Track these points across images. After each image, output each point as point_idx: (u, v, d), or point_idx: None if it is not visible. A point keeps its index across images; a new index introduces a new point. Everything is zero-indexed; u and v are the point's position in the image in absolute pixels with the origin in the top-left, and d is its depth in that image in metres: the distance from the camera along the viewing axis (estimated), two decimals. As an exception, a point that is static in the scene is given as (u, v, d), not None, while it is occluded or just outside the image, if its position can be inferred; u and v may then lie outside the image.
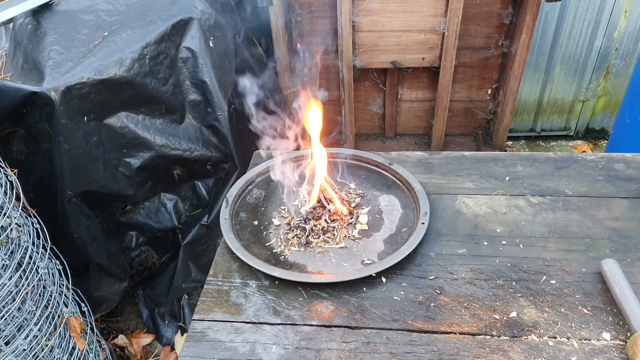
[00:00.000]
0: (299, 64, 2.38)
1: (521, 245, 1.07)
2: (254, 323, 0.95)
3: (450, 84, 2.29)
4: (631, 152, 1.34)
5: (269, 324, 0.95)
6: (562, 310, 0.92)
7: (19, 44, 1.60)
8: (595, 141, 2.95)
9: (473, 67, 2.37)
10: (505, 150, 2.58)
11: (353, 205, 1.22)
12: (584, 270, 1.00)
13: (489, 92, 2.44)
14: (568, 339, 0.87)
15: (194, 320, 0.97)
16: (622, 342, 0.86)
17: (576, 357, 0.84)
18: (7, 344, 1.32)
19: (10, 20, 1.61)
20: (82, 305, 1.64)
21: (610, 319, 0.90)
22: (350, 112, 2.42)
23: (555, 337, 0.88)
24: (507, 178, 1.26)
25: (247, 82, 1.93)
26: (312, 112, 1.19)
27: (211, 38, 1.72)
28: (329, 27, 2.24)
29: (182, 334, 2.01)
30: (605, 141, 2.93)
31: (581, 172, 1.26)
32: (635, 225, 1.10)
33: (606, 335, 0.87)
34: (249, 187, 1.30)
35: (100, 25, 1.61)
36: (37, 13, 1.64)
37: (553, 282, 0.98)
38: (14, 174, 1.33)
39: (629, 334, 0.86)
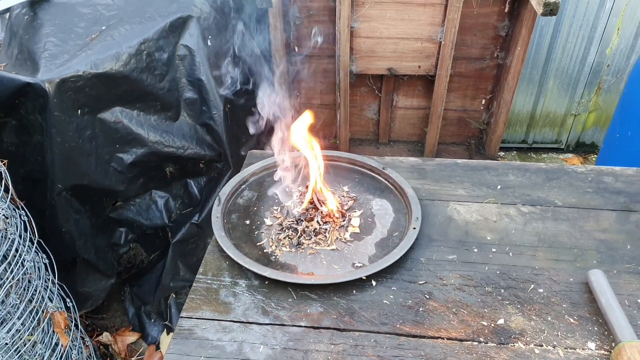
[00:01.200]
0: (296, 67, 2.39)
1: (510, 254, 1.08)
2: (242, 322, 0.95)
3: (445, 92, 2.31)
4: (620, 166, 1.36)
5: (257, 323, 0.95)
6: (549, 318, 0.93)
7: (14, 34, 1.59)
8: (585, 155, 2.99)
9: (468, 77, 2.39)
10: (497, 160, 2.60)
11: (346, 208, 1.22)
12: (571, 280, 1.01)
13: (483, 102, 2.47)
14: (554, 347, 0.88)
15: (182, 317, 0.96)
16: (606, 352, 0.87)
17: (562, 365, 0.85)
18: (-11, 337, 1.30)
19: (7, 10, 1.60)
20: (68, 300, 1.62)
21: (596, 328, 0.91)
22: (346, 117, 2.43)
23: (542, 345, 0.88)
24: (499, 187, 1.27)
25: (243, 83, 1.93)
26: (306, 115, 1.19)
27: (209, 37, 1.72)
28: (327, 32, 2.25)
29: (168, 333, 1.99)
30: (595, 155, 2.97)
31: (571, 183, 1.28)
32: (622, 237, 1.11)
33: (591, 345, 0.88)
34: (242, 187, 1.30)
35: (98, 19, 1.60)
36: (35, 4, 1.63)
37: (541, 290, 0.99)
38: (4, 164, 1.32)
39: (613, 344, 0.87)
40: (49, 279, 1.52)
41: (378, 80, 2.46)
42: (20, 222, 1.39)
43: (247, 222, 1.21)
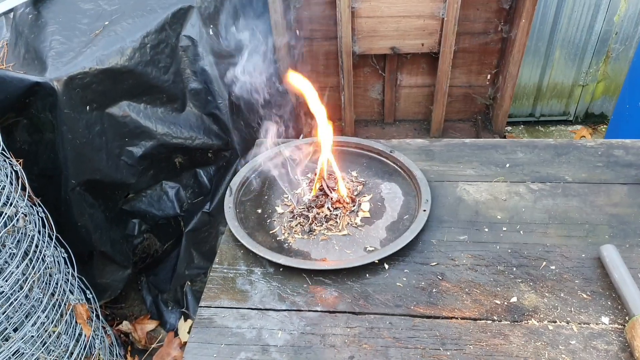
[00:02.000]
0: (298, 50, 2.37)
1: (521, 232, 1.09)
2: (260, 309, 0.97)
3: (450, 69, 2.28)
4: (631, 137, 1.35)
5: (274, 310, 0.97)
6: (562, 295, 0.94)
7: (20, 34, 1.59)
8: (594, 126, 2.96)
9: (472, 53, 2.36)
10: (505, 136, 2.59)
11: (355, 193, 1.23)
12: (583, 255, 1.02)
13: (489, 77, 2.45)
14: (567, 323, 0.89)
15: (201, 307, 0.99)
16: (620, 326, 0.88)
17: (575, 340, 0.86)
18: (15, 330, 1.34)
19: (11, 10, 1.60)
20: (87, 292, 1.67)
21: (609, 303, 0.92)
22: (350, 98, 2.42)
23: (555, 322, 0.90)
24: (508, 165, 1.27)
25: (247, 70, 1.92)
26: (312, 101, 1.19)
27: (211, 26, 1.72)
28: (328, 13, 2.23)
29: (185, 320, 2.04)
30: (605, 126, 2.94)
31: (581, 158, 1.27)
32: (634, 211, 1.11)
33: (605, 320, 0.89)
34: (252, 176, 1.31)
35: (100, 14, 1.60)
36: (37, 2, 1.63)
37: (553, 267, 1.00)
38: (19, 164, 1.34)
39: (627, 318, 0.88)
40: (68, 273, 1.56)
41: (381, 60, 2.44)
42: (38, 219, 1.42)
43: (259, 210, 1.22)
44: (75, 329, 1.56)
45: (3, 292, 1.26)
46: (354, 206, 1.19)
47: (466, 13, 2.20)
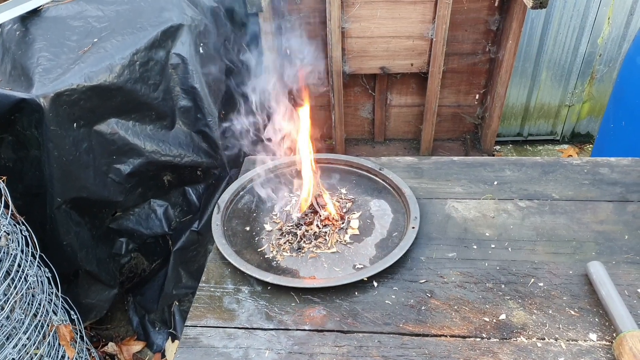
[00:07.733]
0: (289, 69, 2.39)
1: (510, 249, 1.09)
2: (247, 328, 0.96)
3: (439, 89, 2.32)
4: (615, 155, 1.37)
5: (262, 329, 0.95)
6: (550, 312, 0.94)
7: (7, 50, 1.59)
8: (581, 145, 3.00)
9: (461, 73, 2.40)
10: (493, 155, 2.62)
11: (344, 210, 1.23)
12: (570, 272, 1.02)
13: (477, 97, 2.48)
14: (556, 340, 0.89)
15: (187, 326, 0.97)
16: (608, 343, 0.88)
17: (564, 357, 0.86)
18: (-5, 353, 1.31)
19: (-1, 26, 1.60)
20: (72, 312, 1.63)
21: (597, 320, 0.92)
22: (340, 117, 2.44)
23: (544, 339, 0.89)
24: (496, 182, 1.28)
25: (236, 88, 1.93)
26: (301, 118, 1.20)
27: (201, 44, 1.73)
28: (319, 34, 2.26)
29: (172, 341, 2.00)
30: (591, 145, 2.98)
31: (567, 176, 1.28)
32: (619, 228, 1.12)
33: (593, 336, 0.89)
34: (241, 193, 1.30)
35: (90, 31, 1.60)
36: (26, 19, 1.62)
37: (541, 284, 1.00)
38: (3, 181, 1.32)
39: (614, 335, 0.88)
40: (52, 293, 1.53)
41: (371, 80, 2.47)
42: (22, 238, 1.39)
43: (247, 228, 1.21)
44: (58, 351, 1.52)
45: (-17, 313, 1.23)
46: (343, 223, 1.19)
47: (454, 34, 2.24)
